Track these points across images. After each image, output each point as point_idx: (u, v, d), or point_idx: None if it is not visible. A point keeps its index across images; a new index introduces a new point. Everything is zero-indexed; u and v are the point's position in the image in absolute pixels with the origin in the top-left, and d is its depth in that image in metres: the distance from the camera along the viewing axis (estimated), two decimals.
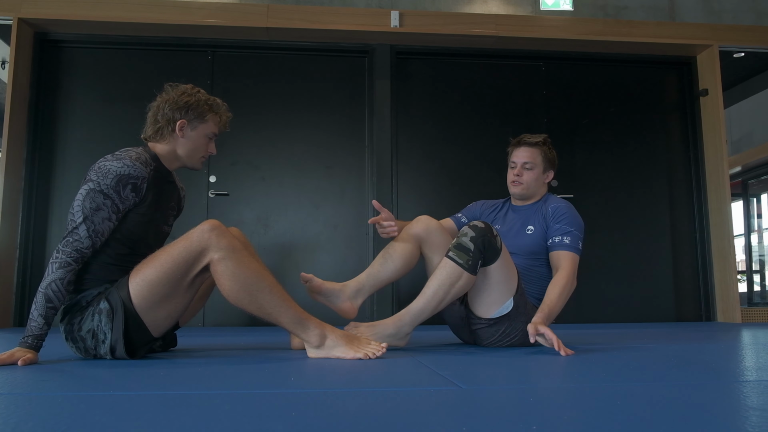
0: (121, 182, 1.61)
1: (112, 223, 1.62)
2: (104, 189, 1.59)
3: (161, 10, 3.75)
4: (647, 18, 4.22)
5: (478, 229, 1.78)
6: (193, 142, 1.78)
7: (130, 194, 1.63)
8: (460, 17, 4.00)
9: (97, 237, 1.60)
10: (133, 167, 1.63)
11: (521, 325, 1.92)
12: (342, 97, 4.06)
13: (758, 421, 0.84)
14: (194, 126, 1.77)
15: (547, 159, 2.15)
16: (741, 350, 1.97)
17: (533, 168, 2.13)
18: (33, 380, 1.27)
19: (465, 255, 1.77)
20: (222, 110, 1.82)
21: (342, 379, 1.30)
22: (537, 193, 2.17)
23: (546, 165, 2.16)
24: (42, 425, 0.82)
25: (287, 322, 1.63)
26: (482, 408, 0.96)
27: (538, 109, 4.18)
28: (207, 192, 3.85)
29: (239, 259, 1.57)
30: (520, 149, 2.15)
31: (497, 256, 1.81)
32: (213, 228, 1.57)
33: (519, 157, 2.14)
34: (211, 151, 1.84)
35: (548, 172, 2.17)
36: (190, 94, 1.76)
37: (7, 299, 3.55)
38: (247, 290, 1.58)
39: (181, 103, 1.74)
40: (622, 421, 0.85)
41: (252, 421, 0.86)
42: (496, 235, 1.81)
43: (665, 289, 4.11)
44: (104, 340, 1.59)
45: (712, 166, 4.13)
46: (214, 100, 1.81)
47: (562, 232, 2.00)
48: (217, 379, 1.29)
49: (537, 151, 2.13)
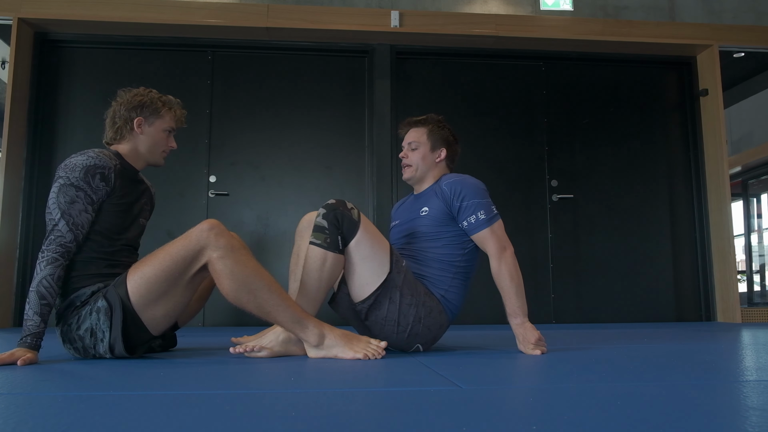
0: (89, 173, 1.66)
1: (89, 215, 1.65)
2: (74, 182, 1.64)
3: (161, 10, 3.75)
4: (647, 18, 4.22)
5: (328, 206, 1.72)
6: (152, 137, 1.84)
7: (100, 184, 1.67)
8: (460, 17, 4.00)
9: (78, 230, 1.63)
10: (98, 158, 1.69)
11: (412, 311, 1.79)
12: (342, 97, 4.06)
13: (758, 421, 0.84)
14: (151, 122, 1.83)
15: (436, 136, 2.01)
16: (741, 350, 1.97)
17: (418, 147, 2.00)
18: (33, 380, 1.27)
19: (322, 234, 1.70)
20: (175, 105, 1.89)
21: (342, 379, 1.30)
22: (429, 174, 2.01)
23: (435, 142, 2.01)
24: (42, 425, 0.82)
25: (286, 321, 1.64)
26: (482, 408, 0.95)
27: (538, 109, 4.19)
28: (207, 192, 3.85)
29: (237, 258, 1.59)
30: (406, 131, 2.06)
31: (356, 228, 1.72)
32: (212, 227, 1.59)
33: (405, 139, 2.04)
34: (171, 145, 1.89)
35: (438, 150, 2.01)
36: (143, 94, 1.84)
37: (7, 299, 3.56)
38: (246, 289, 1.59)
39: (136, 103, 1.81)
40: (622, 421, 0.84)
41: (252, 421, 0.85)
42: (351, 208, 1.74)
43: (665, 289, 4.11)
44: (102, 339, 1.60)
45: (712, 166, 4.13)
46: (167, 97, 1.88)
47: (470, 211, 1.87)
48: (217, 379, 1.29)
49: (422, 130, 2.02)
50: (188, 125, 2.01)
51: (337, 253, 1.71)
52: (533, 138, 4.14)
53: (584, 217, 4.11)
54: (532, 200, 4.06)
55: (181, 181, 3.85)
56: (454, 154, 2.06)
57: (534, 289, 3.97)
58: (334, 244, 1.71)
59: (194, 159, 3.87)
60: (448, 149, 2.02)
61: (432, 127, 2.02)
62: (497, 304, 3.93)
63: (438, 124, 2.03)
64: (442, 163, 2.02)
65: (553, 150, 4.13)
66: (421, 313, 1.80)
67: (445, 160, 2.03)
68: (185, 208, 3.81)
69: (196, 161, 3.87)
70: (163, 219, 3.71)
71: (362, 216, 1.76)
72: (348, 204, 1.75)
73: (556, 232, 4.05)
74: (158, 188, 3.89)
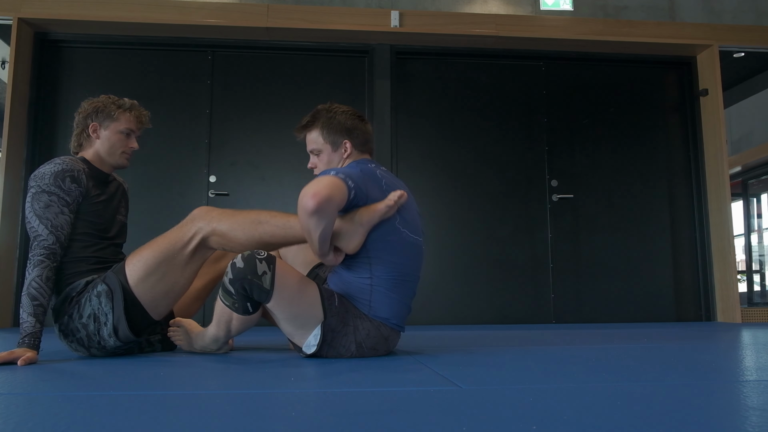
0: (59, 177, 1.70)
1: (66, 216, 1.69)
2: (45, 188, 1.68)
3: (161, 10, 3.75)
4: (647, 18, 4.22)
5: (236, 270, 1.54)
6: (108, 140, 1.87)
7: (71, 186, 1.71)
8: (460, 17, 4.00)
9: (58, 231, 1.66)
10: (65, 163, 1.73)
11: (351, 340, 1.64)
12: (342, 97, 4.06)
13: (758, 421, 0.84)
14: (106, 125, 1.87)
15: (331, 131, 1.77)
16: (741, 350, 1.97)
17: (320, 151, 1.79)
18: (33, 380, 1.27)
19: (230, 298, 1.59)
20: (132, 107, 1.91)
21: (342, 379, 1.30)
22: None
23: (334, 138, 1.77)
24: (42, 425, 0.82)
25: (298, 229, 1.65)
26: (482, 408, 0.95)
27: (538, 109, 4.18)
28: (207, 192, 3.85)
29: (230, 215, 1.68)
30: (303, 139, 1.83)
31: (269, 296, 1.55)
32: (202, 208, 1.75)
33: (307, 146, 1.82)
34: (131, 146, 1.91)
35: (341, 143, 1.77)
36: (100, 101, 1.89)
37: (7, 299, 3.56)
38: (253, 232, 1.65)
39: (90, 110, 1.87)
40: (622, 421, 0.84)
41: (252, 421, 0.85)
42: (263, 273, 1.53)
43: (665, 289, 4.11)
44: (106, 322, 1.63)
45: (712, 166, 4.13)
46: (123, 101, 1.91)
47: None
48: (217, 379, 1.29)
49: (315, 131, 1.78)
50: (188, 125, 2.02)
51: (247, 315, 1.61)
52: (533, 138, 4.14)
53: (584, 217, 4.11)
54: (532, 200, 4.06)
55: (181, 181, 3.85)
56: (360, 137, 1.79)
57: (534, 289, 3.97)
58: (243, 309, 1.60)
59: (194, 159, 3.87)
60: (350, 137, 1.77)
61: (323, 123, 1.77)
62: (497, 305, 3.95)
63: (327, 116, 1.78)
64: (352, 153, 1.78)
65: (553, 150, 4.13)
66: (359, 338, 1.65)
67: (355, 149, 1.78)
68: (185, 208, 3.77)
69: (196, 161, 3.87)
70: (163, 219, 3.71)
71: (280, 272, 1.56)
72: (259, 266, 1.53)
73: (556, 232, 4.05)
74: (158, 188, 3.94)
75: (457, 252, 3.94)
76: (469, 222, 4.00)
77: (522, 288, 3.97)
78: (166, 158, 3.85)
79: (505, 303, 3.94)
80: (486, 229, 4.00)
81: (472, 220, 4.00)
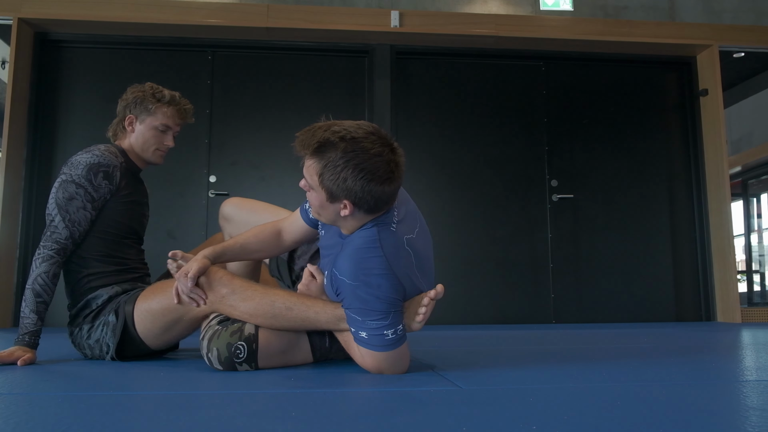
0: (92, 170, 1.64)
1: (88, 213, 1.63)
2: (75, 179, 1.63)
3: (161, 10, 3.75)
4: (647, 18, 4.22)
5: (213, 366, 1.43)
6: (142, 135, 1.79)
7: (102, 182, 1.65)
8: (460, 17, 4.00)
9: (74, 227, 1.61)
10: (103, 156, 1.67)
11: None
12: (342, 97, 4.06)
13: (758, 421, 0.84)
14: (142, 119, 1.78)
15: (330, 178, 1.26)
16: (741, 350, 1.97)
17: (313, 189, 1.32)
18: (33, 380, 1.27)
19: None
20: (172, 101, 1.79)
21: (342, 379, 1.30)
22: (342, 225, 1.38)
23: (331, 187, 1.27)
24: (42, 425, 0.81)
25: (325, 323, 1.44)
26: (482, 408, 0.95)
27: (538, 109, 4.18)
28: (207, 192, 3.85)
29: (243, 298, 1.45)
30: (301, 155, 1.33)
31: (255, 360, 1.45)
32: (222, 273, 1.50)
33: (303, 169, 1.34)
34: (166, 143, 1.83)
35: (339, 198, 1.28)
36: (141, 90, 1.78)
37: (7, 299, 3.55)
38: (271, 322, 1.45)
39: (130, 100, 1.77)
40: (622, 421, 0.84)
41: (252, 421, 0.85)
42: (243, 370, 1.42)
43: (665, 289, 4.10)
44: (108, 351, 1.61)
45: (712, 166, 4.13)
46: (163, 93, 1.79)
47: (352, 322, 1.34)
48: (217, 379, 1.29)
49: (314, 165, 1.29)
50: (188, 125, 1.98)
51: None
52: (533, 138, 4.14)
53: (584, 217, 4.11)
54: (532, 200, 4.06)
55: (181, 181, 3.85)
56: (370, 204, 1.28)
57: (534, 289, 3.97)
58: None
59: (194, 159, 3.87)
60: (354, 202, 1.28)
61: (326, 167, 1.26)
62: (497, 304, 3.95)
63: (335, 164, 1.25)
64: (356, 215, 1.32)
65: (553, 150, 4.13)
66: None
67: (359, 212, 1.31)
68: (185, 208, 3.81)
69: (196, 161, 3.87)
70: (163, 219, 3.71)
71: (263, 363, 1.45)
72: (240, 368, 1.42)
73: (556, 232, 4.05)
74: (158, 188, 3.93)
75: (457, 252, 3.94)
76: (469, 222, 4.00)
77: (522, 288, 3.97)
78: (166, 158, 3.83)
79: (505, 303, 3.94)
80: (486, 229, 4.00)
81: (472, 220, 4.00)
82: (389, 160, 1.27)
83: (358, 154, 1.25)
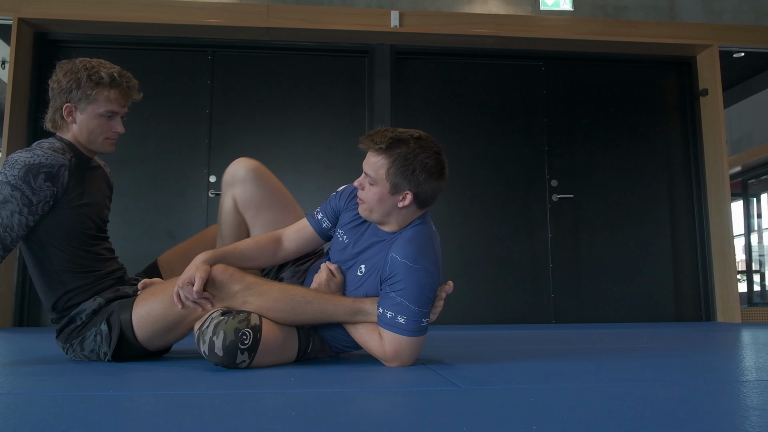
0: (31, 172, 1.46)
1: (24, 218, 1.46)
2: (11, 180, 1.46)
3: (161, 10, 3.75)
4: (647, 18, 4.22)
5: (213, 357, 1.40)
6: (86, 126, 1.59)
7: (43, 184, 1.47)
8: (460, 17, 4.00)
9: (5, 232, 1.45)
10: (45, 156, 1.49)
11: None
12: (342, 97, 4.06)
13: (758, 421, 0.84)
14: (82, 108, 1.58)
15: (399, 176, 1.44)
16: (741, 350, 1.97)
17: (375, 183, 1.46)
18: (33, 380, 1.27)
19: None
20: (113, 82, 1.59)
21: (342, 379, 1.30)
22: (391, 219, 1.51)
23: (398, 180, 1.44)
24: (42, 425, 0.81)
25: (343, 316, 1.50)
26: (482, 408, 0.95)
27: (538, 109, 4.19)
28: (207, 192, 3.85)
29: (259, 293, 1.46)
30: (367, 155, 1.49)
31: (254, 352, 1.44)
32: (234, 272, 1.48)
33: (364, 163, 1.49)
34: (115, 129, 1.62)
35: (401, 193, 1.45)
36: (75, 71, 1.57)
37: (7, 299, 3.55)
38: (288, 315, 1.47)
39: (64, 85, 1.57)
40: (622, 421, 0.85)
41: (252, 421, 0.86)
42: (240, 363, 1.41)
43: (665, 289, 4.11)
44: (106, 354, 1.60)
45: (712, 166, 4.13)
46: (101, 74, 1.58)
47: (393, 306, 1.42)
48: (217, 379, 1.29)
49: (382, 160, 1.44)
50: (188, 125, 1.96)
51: None
52: (533, 138, 4.14)
53: (584, 217, 4.11)
54: (532, 200, 4.06)
55: (181, 181, 3.85)
56: (428, 195, 1.48)
57: (534, 289, 3.97)
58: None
59: (194, 159, 3.87)
60: (417, 191, 1.45)
61: (396, 160, 1.43)
62: (497, 305, 3.95)
63: (405, 157, 1.43)
64: (411, 207, 1.49)
65: (553, 150, 4.13)
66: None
67: (415, 205, 1.49)
68: (185, 208, 3.81)
69: (196, 161, 3.87)
70: (163, 219, 3.71)
71: (259, 358, 1.45)
72: (240, 356, 1.40)
73: (556, 232, 4.05)
74: (158, 188, 3.94)
75: (457, 252, 3.93)
76: (469, 222, 4.00)
77: (522, 288, 3.97)
78: (166, 158, 3.85)
79: (505, 303, 3.94)
80: (486, 229, 4.00)
81: (472, 220, 4.00)
82: (443, 160, 1.49)
83: (425, 150, 1.45)
